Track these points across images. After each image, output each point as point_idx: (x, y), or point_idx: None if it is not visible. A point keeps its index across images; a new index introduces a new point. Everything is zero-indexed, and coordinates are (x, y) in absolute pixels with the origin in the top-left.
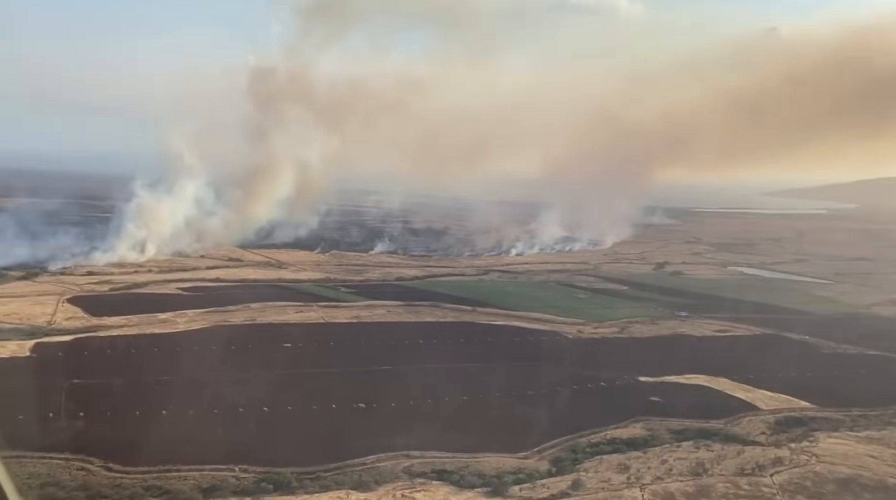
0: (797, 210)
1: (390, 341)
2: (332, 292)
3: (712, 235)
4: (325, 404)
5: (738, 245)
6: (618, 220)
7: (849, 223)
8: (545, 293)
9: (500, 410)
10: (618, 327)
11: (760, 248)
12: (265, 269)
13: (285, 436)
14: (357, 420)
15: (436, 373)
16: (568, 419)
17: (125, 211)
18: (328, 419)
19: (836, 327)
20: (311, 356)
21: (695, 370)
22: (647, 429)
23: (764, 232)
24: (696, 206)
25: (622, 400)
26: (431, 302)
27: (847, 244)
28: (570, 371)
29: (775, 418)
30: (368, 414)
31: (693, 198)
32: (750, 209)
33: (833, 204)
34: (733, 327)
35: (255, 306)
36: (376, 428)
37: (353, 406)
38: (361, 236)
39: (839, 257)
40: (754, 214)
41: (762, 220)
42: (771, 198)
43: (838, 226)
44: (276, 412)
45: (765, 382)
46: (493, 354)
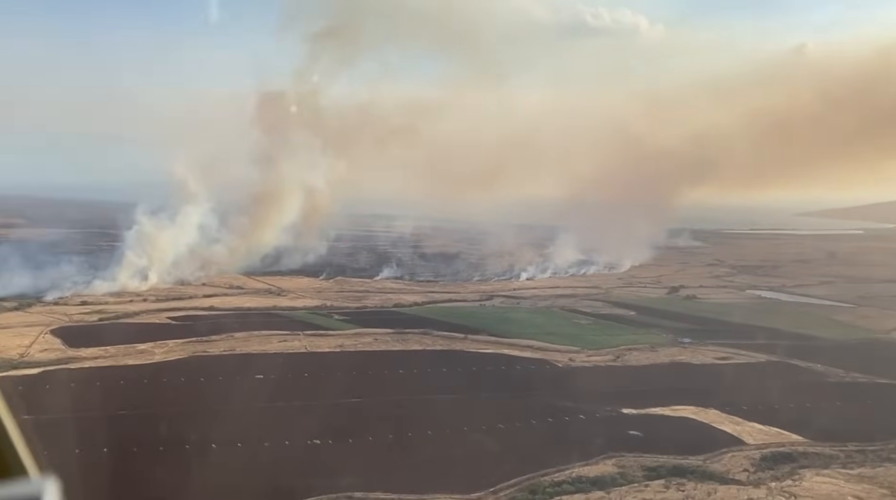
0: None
1: (368, 371)
2: (324, 319)
3: (737, 257)
4: (279, 440)
5: (762, 267)
6: (638, 243)
7: (885, 244)
8: (545, 319)
9: (464, 445)
10: (613, 355)
11: (786, 270)
12: (263, 296)
13: (220, 476)
14: (307, 457)
15: (406, 405)
16: (535, 455)
17: (126, 239)
18: (276, 457)
19: (848, 353)
20: (280, 388)
21: (684, 401)
22: (618, 466)
23: (793, 253)
24: (726, 227)
25: (598, 434)
26: (423, 330)
27: (879, 266)
28: (551, 402)
29: (761, 453)
30: (320, 451)
31: (724, 219)
32: (783, 230)
33: (872, 224)
34: (737, 354)
35: (240, 336)
36: (325, 466)
37: (308, 443)
38: (369, 262)
39: (868, 279)
40: (786, 235)
41: (793, 241)
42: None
43: (873, 247)
44: (221, 450)
45: (758, 414)
46: (474, 384)
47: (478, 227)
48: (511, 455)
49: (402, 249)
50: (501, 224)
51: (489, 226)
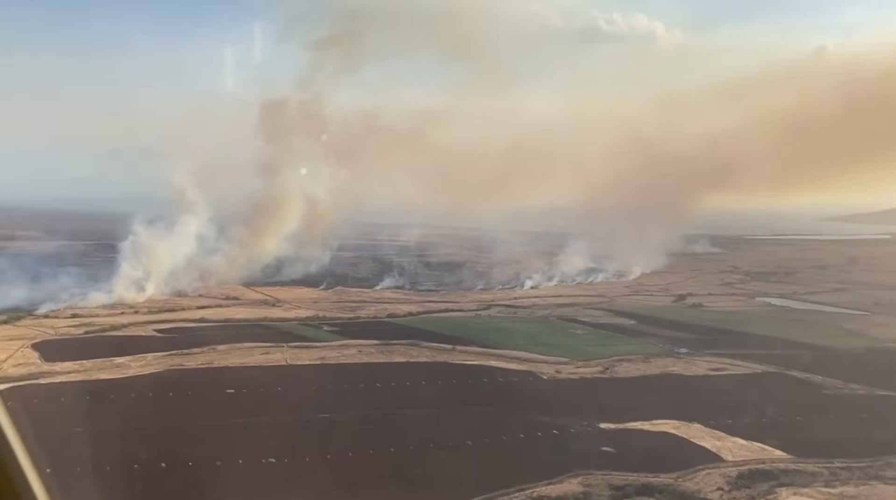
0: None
1: (345, 384)
2: (312, 331)
3: (754, 263)
4: (232, 459)
5: (777, 274)
6: (651, 250)
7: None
8: (540, 329)
9: (426, 464)
10: (602, 367)
11: (801, 276)
12: (257, 307)
13: (160, 497)
14: (256, 478)
15: (376, 421)
16: (499, 473)
17: (122, 250)
18: (223, 477)
19: (851, 363)
20: (248, 403)
21: (668, 415)
22: (584, 485)
23: (812, 260)
24: (748, 233)
25: (570, 451)
26: (411, 341)
27: None
28: (527, 417)
29: (738, 471)
30: (272, 471)
31: (747, 225)
32: (806, 236)
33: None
34: (734, 364)
35: (222, 349)
36: (275, 488)
37: (263, 461)
38: (371, 271)
39: (886, 285)
40: (810, 240)
41: (816, 246)
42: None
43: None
44: (171, 469)
45: (743, 428)
46: (452, 398)
47: (488, 235)
48: (471, 474)
49: (407, 258)
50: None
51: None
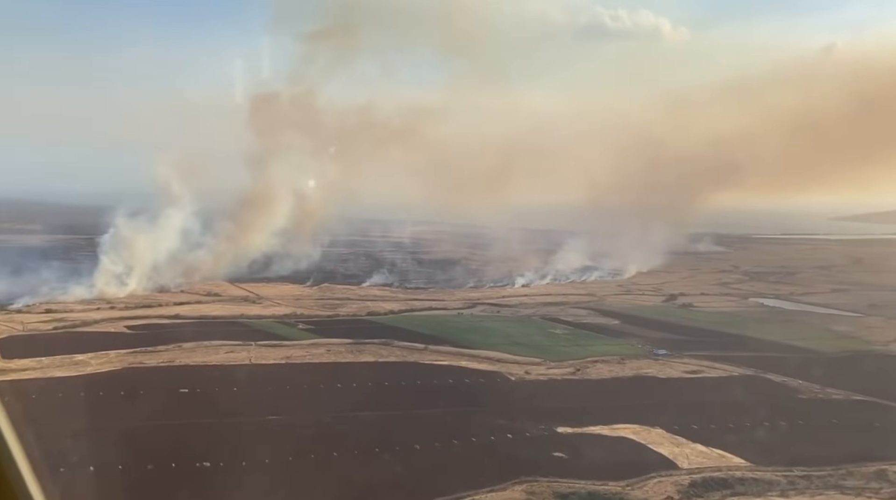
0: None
1: (304, 385)
2: (286, 329)
3: (756, 263)
4: (165, 463)
5: (777, 274)
6: (652, 248)
7: None
8: (519, 329)
9: (366, 470)
10: (574, 368)
11: (802, 277)
12: (237, 304)
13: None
14: (184, 482)
15: (327, 424)
16: (442, 480)
17: (103, 244)
18: (147, 482)
19: (833, 367)
20: (198, 404)
21: (631, 419)
22: (528, 493)
23: (816, 259)
24: (755, 232)
25: (520, 456)
26: (384, 340)
27: None
28: (485, 420)
29: (691, 479)
30: (204, 475)
31: (756, 224)
32: (815, 235)
33: None
34: (711, 367)
35: (188, 346)
36: (203, 493)
37: (197, 465)
38: (362, 268)
39: (886, 287)
40: (818, 240)
41: (823, 246)
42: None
43: None
44: (98, 473)
45: (706, 434)
46: (412, 400)
47: (487, 232)
48: (410, 481)
49: (401, 255)
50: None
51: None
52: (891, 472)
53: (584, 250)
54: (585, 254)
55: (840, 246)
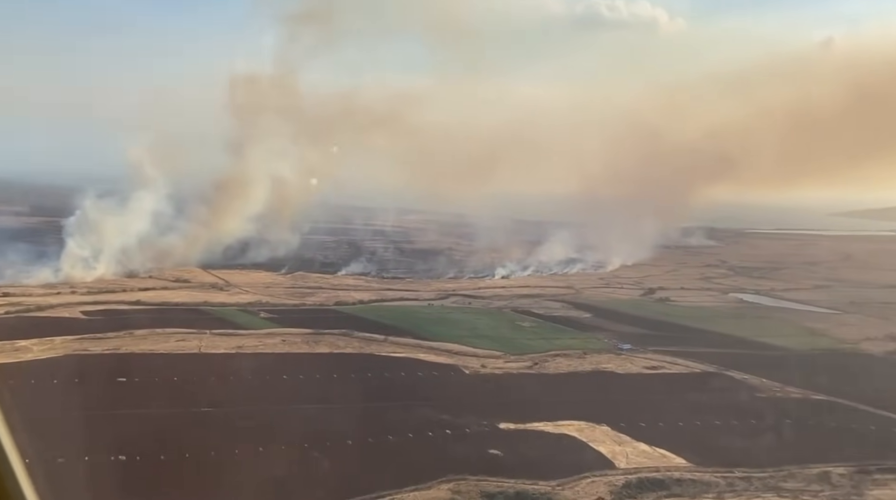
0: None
1: (248, 376)
2: (247, 317)
3: (745, 257)
4: (78, 456)
5: (764, 269)
6: (640, 241)
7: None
8: (487, 321)
9: (288, 466)
10: (533, 362)
11: (788, 272)
12: (203, 291)
13: None
14: (91, 478)
15: (261, 417)
16: (366, 478)
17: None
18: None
19: (799, 365)
20: (134, 394)
21: (578, 416)
22: (454, 492)
23: (806, 255)
24: (750, 227)
25: (454, 453)
26: (344, 331)
27: (893, 270)
28: (427, 415)
29: (626, 479)
30: (116, 469)
31: (752, 219)
32: (810, 231)
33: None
34: (674, 363)
35: (140, 333)
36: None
37: (113, 458)
38: (341, 257)
39: (870, 283)
40: (811, 235)
41: (815, 242)
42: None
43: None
44: None
45: (652, 432)
46: (357, 393)
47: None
48: (332, 478)
49: (383, 243)
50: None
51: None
52: (835, 474)
53: (572, 242)
54: (572, 246)
55: (832, 242)
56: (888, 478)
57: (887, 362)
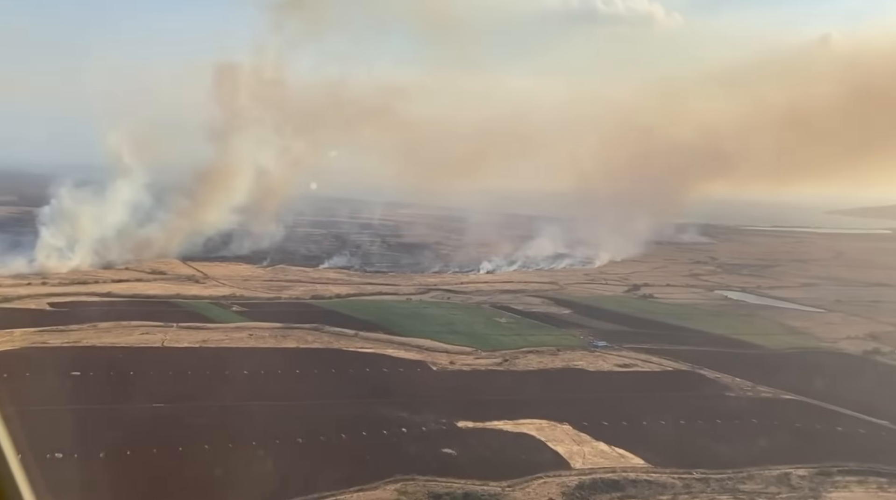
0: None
1: (208, 371)
2: (218, 311)
3: (736, 254)
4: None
5: (753, 266)
6: (632, 237)
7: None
8: (463, 316)
9: (232, 465)
10: (504, 358)
11: (777, 270)
12: (179, 283)
13: None
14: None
15: (213, 413)
16: (311, 478)
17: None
18: None
19: (773, 364)
20: (85, 389)
21: (541, 414)
22: (400, 492)
23: (798, 253)
24: (746, 224)
25: (406, 452)
26: (315, 325)
27: (882, 268)
28: (385, 412)
29: (580, 480)
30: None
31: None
32: (806, 228)
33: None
34: (647, 361)
35: (104, 326)
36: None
37: (48, 456)
38: (325, 250)
39: (857, 281)
40: (807, 233)
41: (810, 239)
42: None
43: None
44: None
45: (614, 431)
46: (317, 389)
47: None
48: (275, 478)
49: (370, 237)
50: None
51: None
52: (795, 476)
53: (562, 238)
54: (562, 241)
55: (827, 240)
56: (848, 480)
57: (864, 361)
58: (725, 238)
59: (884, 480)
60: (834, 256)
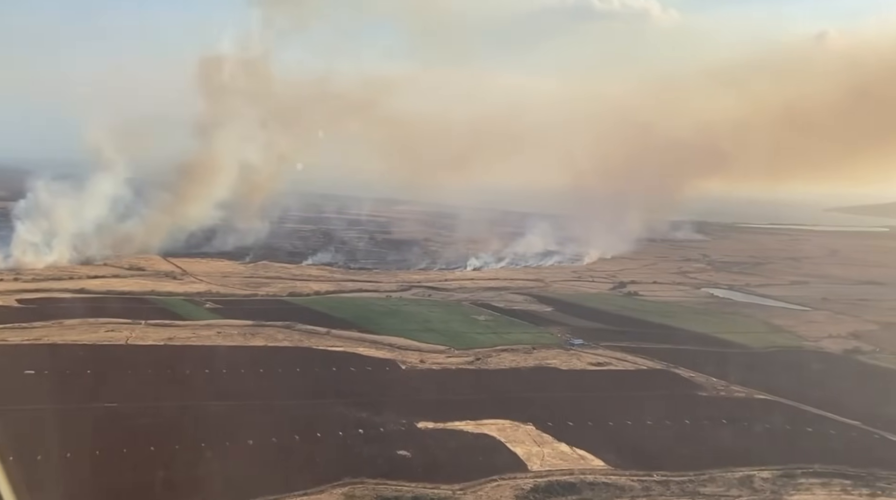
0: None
1: (168, 370)
2: (190, 308)
3: (729, 252)
4: None
5: (745, 264)
6: (623, 234)
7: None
8: (441, 314)
9: (178, 467)
10: (476, 357)
11: (769, 268)
12: (155, 280)
13: None
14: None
15: (166, 413)
16: (256, 481)
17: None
18: None
19: (750, 362)
20: (37, 387)
21: (505, 414)
22: (347, 496)
23: (792, 250)
24: (744, 221)
25: (359, 454)
26: (287, 323)
27: (875, 266)
28: (343, 413)
29: (535, 483)
30: None
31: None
32: (803, 226)
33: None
34: (623, 359)
35: (70, 323)
36: None
37: None
38: (310, 246)
39: (849, 279)
40: (803, 230)
41: (805, 237)
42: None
43: (886, 246)
44: None
45: (578, 432)
46: (279, 389)
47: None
48: (217, 481)
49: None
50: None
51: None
52: (758, 478)
53: (554, 235)
54: (554, 238)
55: (822, 237)
56: (812, 482)
57: (843, 360)
58: (721, 236)
59: (848, 482)
60: (828, 253)
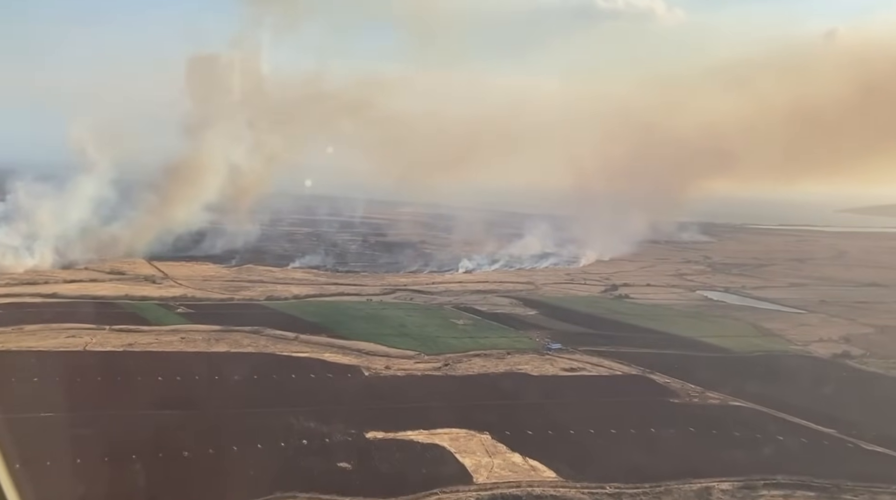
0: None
1: (119, 377)
2: (160, 312)
3: (732, 253)
4: None
5: (745, 266)
6: (621, 235)
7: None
8: (420, 318)
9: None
10: (445, 362)
11: (769, 269)
12: (133, 284)
13: None
14: None
15: (105, 423)
16: (180, 495)
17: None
18: None
19: (731, 368)
20: None
21: (462, 422)
22: None
23: (798, 251)
24: (753, 222)
25: (297, 467)
26: (255, 328)
27: (881, 268)
28: (292, 422)
29: (479, 495)
30: None
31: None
32: (813, 226)
33: None
34: (598, 364)
35: (31, 329)
36: None
37: None
38: (299, 249)
39: (850, 281)
40: (813, 231)
41: (814, 238)
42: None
43: None
44: None
45: (534, 441)
46: (229, 397)
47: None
48: (138, 496)
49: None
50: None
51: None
52: (717, 490)
53: (553, 236)
54: (552, 240)
55: (831, 238)
56: (774, 494)
57: (830, 365)
58: (727, 237)
59: (812, 494)
60: (835, 255)
